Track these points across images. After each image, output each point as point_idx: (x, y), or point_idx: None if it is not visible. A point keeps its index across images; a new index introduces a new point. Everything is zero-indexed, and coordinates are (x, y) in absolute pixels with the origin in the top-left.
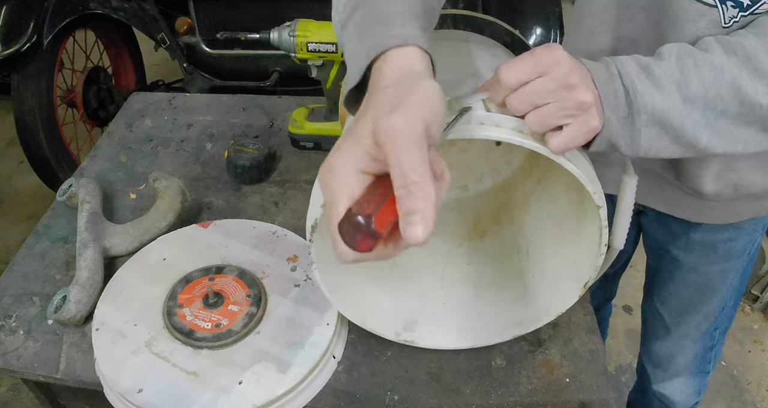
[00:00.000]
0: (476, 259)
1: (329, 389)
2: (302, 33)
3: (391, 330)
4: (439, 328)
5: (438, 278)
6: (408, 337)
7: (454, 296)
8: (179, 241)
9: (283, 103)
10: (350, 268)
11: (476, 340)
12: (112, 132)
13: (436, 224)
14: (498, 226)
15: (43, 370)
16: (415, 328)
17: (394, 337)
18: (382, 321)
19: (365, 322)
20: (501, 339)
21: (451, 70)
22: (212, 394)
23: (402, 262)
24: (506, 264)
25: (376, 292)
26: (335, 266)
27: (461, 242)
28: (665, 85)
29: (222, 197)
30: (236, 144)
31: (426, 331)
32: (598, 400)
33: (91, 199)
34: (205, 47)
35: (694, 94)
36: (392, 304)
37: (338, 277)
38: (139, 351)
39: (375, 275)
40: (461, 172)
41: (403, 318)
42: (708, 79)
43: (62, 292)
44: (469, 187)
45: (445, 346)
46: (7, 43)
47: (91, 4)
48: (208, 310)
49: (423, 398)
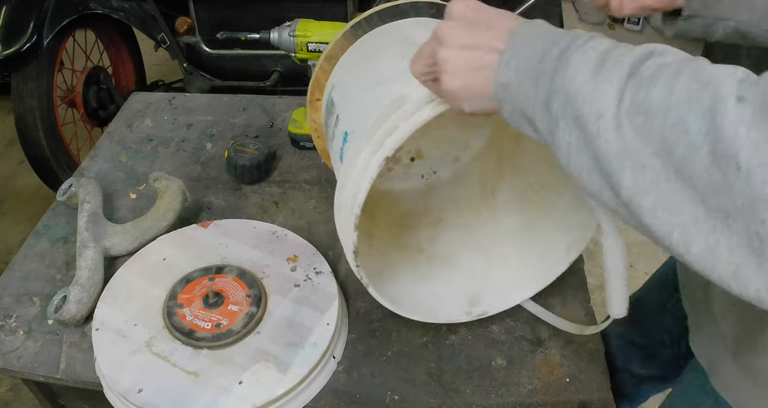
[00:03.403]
0: (499, 216)
1: (329, 389)
2: (302, 33)
3: (462, 312)
4: (500, 290)
5: (472, 251)
6: (479, 311)
7: (496, 259)
8: (179, 241)
9: (283, 103)
10: (398, 277)
11: (541, 282)
12: (112, 132)
13: (448, 202)
14: (503, 179)
15: (43, 370)
16: (480, 300)
17: (468, 317)
18: (449, 309)
19: (438, 317)
20: (561, 268)
21: (404, 58)
22: (212, 394)
23: (436, 253)
24: (529, 205)
25: (430, 287)
26: (385, 281)
27: (479, 212)
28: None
29: (222, 197)
30: (236, 144)
31: (490, 299)
32: (598, 400)
33: (91, 199)
34: (205, 47)
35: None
36: (448, 291)
37: (392, 290)
38: (139, 351)
39: (419, 275)
40: (448, 147)
41: (466, 297)
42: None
43: (62, 292)
44: (461, 157)
45: (518, 301)
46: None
47: (91, 4)
48: (208, 310)
49: (423, 398)
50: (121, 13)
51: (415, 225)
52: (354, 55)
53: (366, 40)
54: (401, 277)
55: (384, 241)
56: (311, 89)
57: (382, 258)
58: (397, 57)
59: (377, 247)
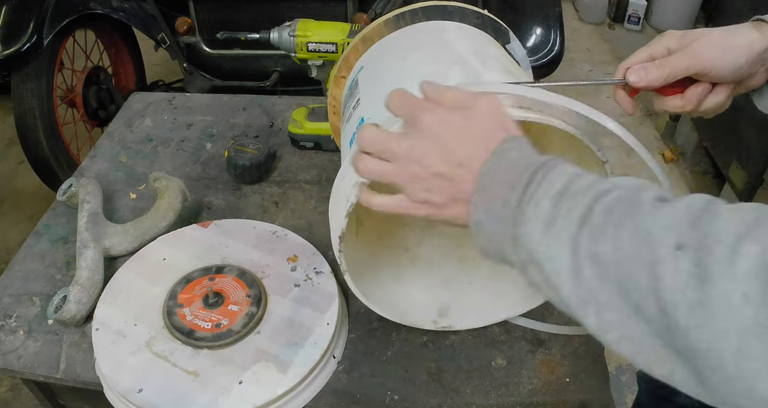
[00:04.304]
0: None
1: (329, 389)
2: (302, 33)
3: (428, 320)
4: (471, 308)
5: (456, 261)
6: (445, 323)
7: (477, 275)
8: (179, 241)
9: (283, 103)
10: (378, 271)
11: (519, 308)
12: (112, 132)
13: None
14: None
15: (43, 370)
16: (449, 313)
17: (432, 326)
18: (417, 314)
19: (404, 319)
20: (534, 304)
21: (435, 62)
22: (212, 394)
23: (420, 254)
24: None
25: (406, 288)
26: (363, 272)
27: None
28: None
29: (222, 197)
30: (236, 144)
31: (460, 314)
32: (598, 400)
33: (91, 199)
34: (205, 47)
35: (599, 258)
36: (423, 296)
37: (369, 282)
38: (139, 351)
39: (400, 272)
40: None
41: (437, 306)
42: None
43: (62, 292)
44: None
45: (482, 323)
46: (7, 43)
47: (91, 4)
48: (208, 310)
49: (423, 398)
50: (121, 13)
51: (406, 223)
52: (391, 44)
53: (407, 32)
54: (380, 272)
55: (371, 233)
56: (339, 65)
57: (367, 249)
58: (429, 58)
59: (363, 237)
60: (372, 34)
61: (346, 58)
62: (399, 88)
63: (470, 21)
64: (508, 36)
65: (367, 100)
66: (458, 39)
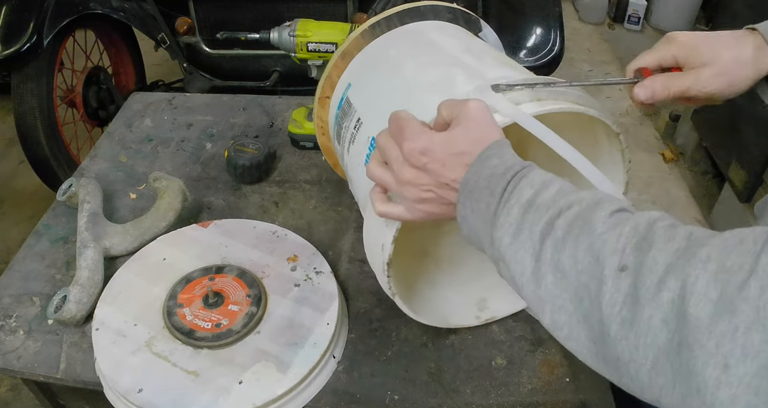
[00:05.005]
0: None
1: (329, 389)
2: (302, 33)
3: (472, 316)
4: (504, 294)
5: (476, 253)
6: (488, 316)
7: None
8: (179, 241)
9: (283, 103)
10: (413, 282)
11: None
12: (112, 132)
13: None
14: None
15: (43, 370)
16: (488, 304)
17: (477, 322)
18: (460, 314)
19: (449, 322)
20: None
21: (434, 68)
22: (212, 394)
23: (441, 255)
24: None
25: (441, 291)
26: (404, 290)
27: None
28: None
29: (222, 197)
30: (236, 144)
31: (498, 303)
32: (598, 400)
33: (91, 199)
34: (205, 47)
35: (560, 267)
36: (459, 295)
37: (411, 299)
38: (139, 351)
39: (430, 277)
40: None
41: (474, 302)
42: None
43: (62, 292)
44: None
45: (519, 307)
46: (7, 43)
47: (91, 4)
48: (208, 310)
49: (423, 398)
50: (121, 13)
51: (416, 227)
52: (374, 56)
53: (386, 40)
54: (415, 283)
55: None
56: (323, 86)
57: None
58: (426, 65)
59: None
60: (350, 49)
61: (328, 77)
62: (401, 109)
63: (443, 16)
64: (479, 24)
65: (370, 118)
66: (442, 39)
